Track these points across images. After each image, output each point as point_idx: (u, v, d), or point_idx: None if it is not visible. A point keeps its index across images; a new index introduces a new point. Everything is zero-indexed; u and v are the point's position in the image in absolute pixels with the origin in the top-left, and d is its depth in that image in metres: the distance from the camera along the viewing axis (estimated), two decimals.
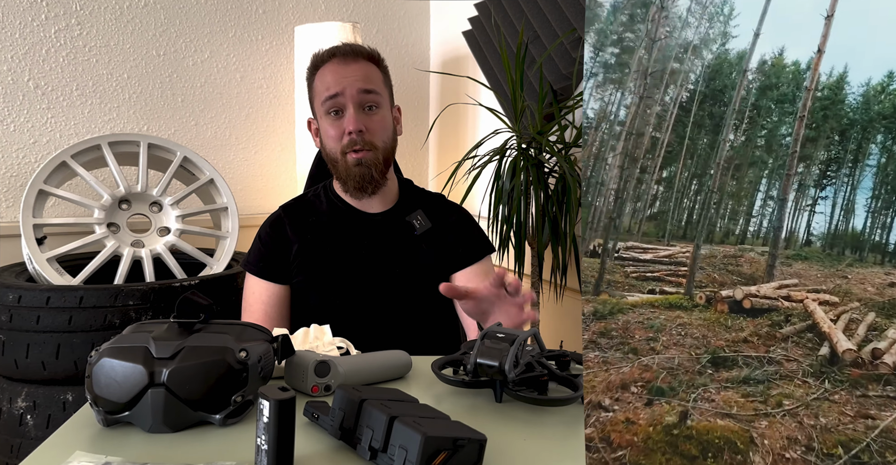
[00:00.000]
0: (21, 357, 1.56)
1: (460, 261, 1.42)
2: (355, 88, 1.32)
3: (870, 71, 0.52)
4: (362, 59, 1.37)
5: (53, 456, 0.74)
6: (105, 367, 0.81)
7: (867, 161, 0.53)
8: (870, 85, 0.52)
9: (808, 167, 0.54)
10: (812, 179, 0.54)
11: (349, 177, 1.35)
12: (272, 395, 0.69)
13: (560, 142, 1.95)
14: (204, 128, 2.49)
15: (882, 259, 0.53)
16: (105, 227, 1.81)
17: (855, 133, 0.54)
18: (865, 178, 0.53)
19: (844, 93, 0.53)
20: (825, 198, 0.54)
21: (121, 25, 2.31)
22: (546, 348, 1.01)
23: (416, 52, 2.89)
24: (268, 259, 1.39)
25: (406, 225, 1.41)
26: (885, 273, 0.53)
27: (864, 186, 0.53)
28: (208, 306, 0.88)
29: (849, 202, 0.54)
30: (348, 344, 1.11)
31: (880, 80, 0.51)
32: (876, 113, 0.53)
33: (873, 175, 0.53)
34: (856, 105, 0.53)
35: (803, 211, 0.54)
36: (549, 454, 0.78)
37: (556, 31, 2.06)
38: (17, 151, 2.18)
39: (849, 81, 0.53)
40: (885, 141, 0.53)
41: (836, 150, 0.54)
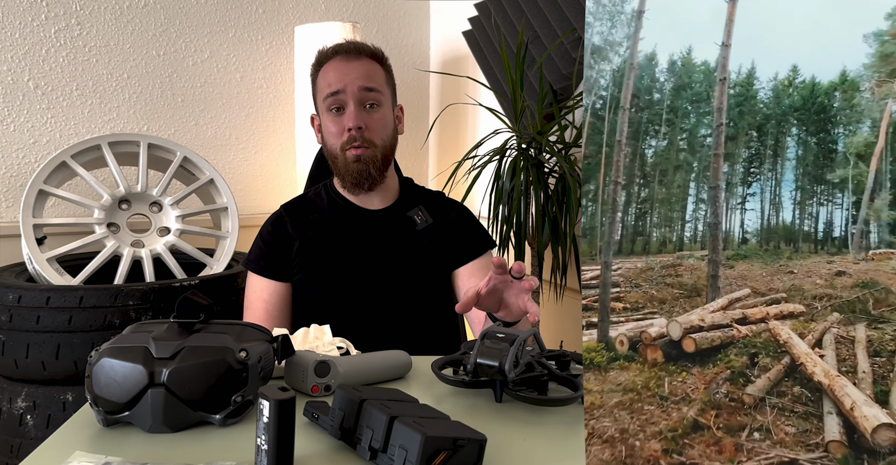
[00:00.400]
0: (21, 357, 1.56)
1: (461, 257, 1.42)
2: (356, 86, 1.33)
3: (776, 66, 0.52)
4: (365, 56, 1.37)
5: (53, 456, 0.74)
6: (105, 367, 0.81)
7: (787, 154, 0.54)
8: (777, 79, 0.53)
9: (733, 166, 0.54)
10: (738, 177, 0.54)
11: (347, 173, 1.36)
12: (272, 395, 0.69)
13: (560, 142, 1.95)
14: (204, 128, 2.49)
15: (815, 248, 0.53)
16: (105, 227, 1.81)
17: (771, 128, 0.54)
18: (787, 171, 0.54)
19: (755, 88, 0.54)
20: (753, 194, 0.54)
21: (121, 25, 2.31)
22: (546, 348, 1.01)
23: (416, 52, 2.89)
24: (269, 257, 1.40)
25: (407, 221, 1.42)
26: (826, 262, 0.52)
27: (786, 179, 0.54)
28: (208, 306, 0.88)
29: (776, 196, 0.54)
30: (348, 344, 1.11)
31: (786, 74, 0.52)
32: (787, 106, 0.53)
33: (793, 168, 0.54)
34: (768, 100, 0.54)
35: (735, 210, 0.54)
36: (549, 454, 0.78)
37: (556, 31, 2.06)
38: (17, 151, 2.18)
39: (758, 76, 0.53)
40: (799, 133, 0.54)
41: (756, 146, 0.54)
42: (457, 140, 2.79)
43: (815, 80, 0.52)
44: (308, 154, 2.21)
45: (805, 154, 0.53)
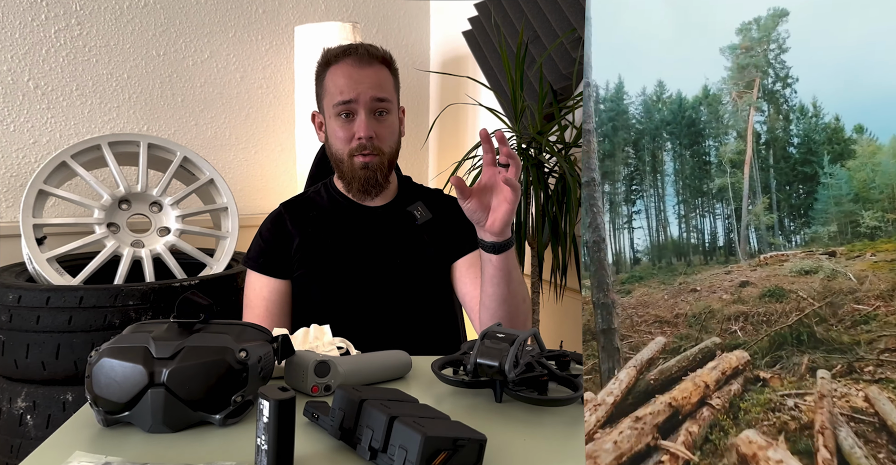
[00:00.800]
0: (21, 357, 1.56)
1: (460, 249, 1.42)
2: (368, 96, 1.33)
3: (642, 81, 0.53)
4: (377, 62, 1.37)
5: (53, 456, 0.74)
6: (105, 367, 0.81)
7: (665, 169, 0.54)
8: (646, 94, 0.54)
9: (614, 184, 0.54)
10: (620, 196, 0.54)
11: (354, 179, 1.37)
12: (272, 395, 0.69)
13: (560, 142, 1.95)
14: (204, 128, 2.49)
15: (706, 259, 0.53)
16: (105, 227, 1.81)
17: (646, 143, 0.54)
18: (668, 185, 0.54)
19: (626, 103, 0.54)
20: (638, 212, 0.54)
21: (121, 25, 2.31)
22: (546, 348, 1.01)
23: (416, 52, 2.89)
24: (269, 254, 1.40)
25: (407, 216, 1.42)
26: (724, 273, 0.53)
27: (668, 193, 0.54)
28: (208, 306, 0.88)
29: (660, 212, 0.54)
30: (348, 344, 1.11)
31: (653, 89, 0.53)
32: (659, 121, 0.54)
33: (673, 182, 0.54)
34: (639, 115, 0.55)
35: (622, 230, 0.54)
36: (549, 454, 0.78)
37: (556, 31, 2.06)
38: (17, 151, 2.18)
39: (626, 91, 0.54)
40: (674, 147, 0.54)
41: (635, 163, 0.54)
42: (457, 140, 2.79)
43: (681, 94, 0.52)
44: (308, 154, 2.21)
45: (682, 167, 0.54)
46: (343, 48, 1.38)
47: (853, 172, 0.48)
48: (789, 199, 0.51)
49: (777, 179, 0.51)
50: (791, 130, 0.50)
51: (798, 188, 0.51)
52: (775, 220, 0.51)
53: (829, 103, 0.49)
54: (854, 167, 0.48)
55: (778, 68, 0.50)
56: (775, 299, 0.50)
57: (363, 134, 1.33)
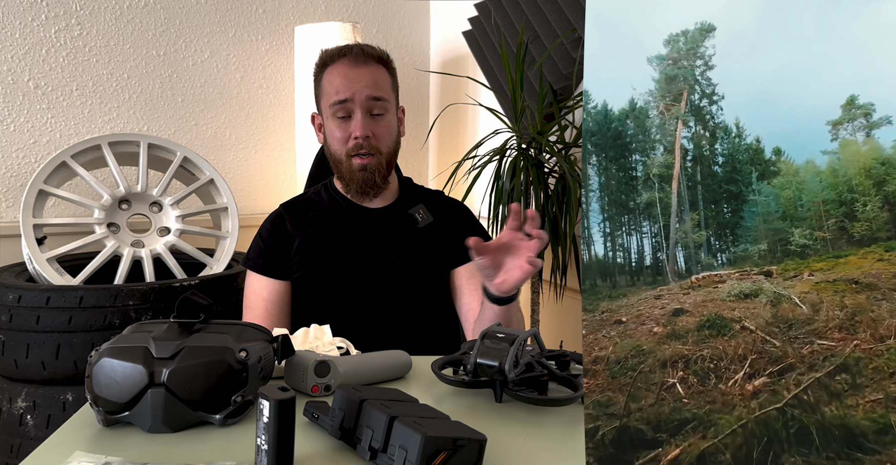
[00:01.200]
0: (21, 357, 1.56)
1: (461, 257, 1.42)
2: (364, 95, 1.33)
3: None
4: (373, 61, 1.36)
5: (53, 456, 0.74)
6: (105, 367, 0.81)
7: (590, 184, 0.52)
8: None
9: None
10: None
11: (352, 180, 1.37)
12: (272, 395, 0.69)
13: (560, 142, 1.95)
14: (204, 128, 2.49)
15: (632, 280, 0.50)
16: (105, 227, 1.81)
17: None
18: (592, 201, 0.52)
19: None
20: None
21: (121, 25, 2.31)
22: (546, 348, 1.01)
23: (416, 52, 2.89)
24: (268, 255, 1.40)
25: (408, 218, 1.42)
26: (654, 297, 0.49)
27: (592, 209, 0.52)
28: (208, 306, 0.88)
29: (584, 229, 0.52)
30: (348, 344, 1.11)
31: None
32: (584, 132, 0.52)
33: (598, 198, 0.52)
34: None
35: None
36: (549, 454, 0.78)
37: (556, 31, 2.06)
38: (17, 151, 2.18)
39: None
40: (599, 160, 0.52)
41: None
42: (457, 140, 2.79)
43: (606, 104, 0.51)
44: (308, 154, 2.21)
45: (607, 181, 0.52)
46: (339, 49, 1.38)
47: (778, 190, 0.47)
48: (717, 216, 0.49)
49: (704, 195, 0.49)
50: (716, 149, 0.49)
51: (723, 206, 0.49)
52: (704, 238, 0.49)
53: (751, 125, 0.48)
54: (779, 185, 0.47)
55: (704, 85, 0.49)
56: (717, 332, 0.46)
57: (359, 133, 1.33)
